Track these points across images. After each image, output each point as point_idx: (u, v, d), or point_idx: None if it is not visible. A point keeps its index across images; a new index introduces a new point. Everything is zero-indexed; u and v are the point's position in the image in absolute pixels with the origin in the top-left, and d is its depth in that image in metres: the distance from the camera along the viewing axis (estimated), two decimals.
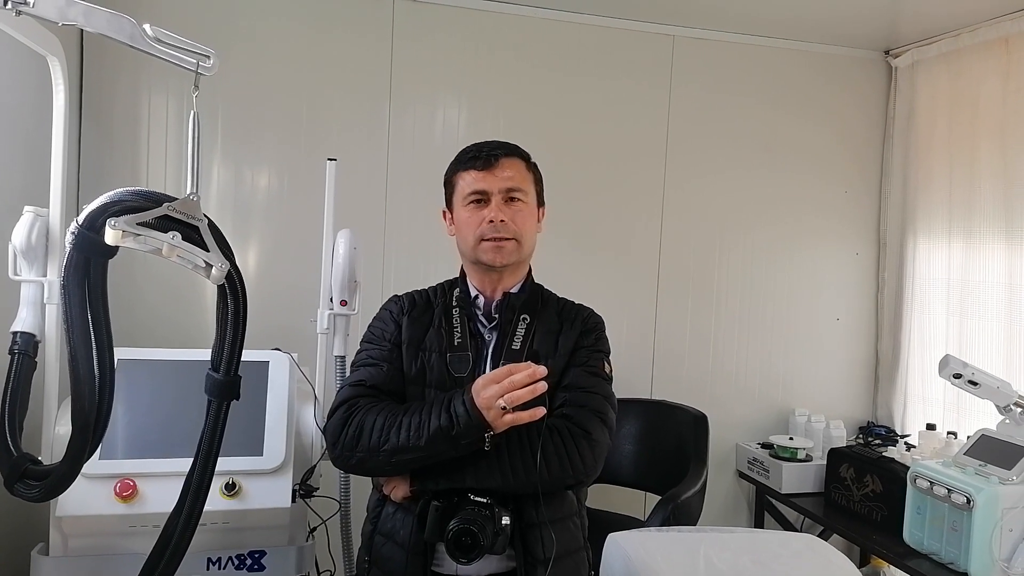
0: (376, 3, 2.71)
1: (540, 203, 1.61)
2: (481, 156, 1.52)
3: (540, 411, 1.32)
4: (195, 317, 2.54)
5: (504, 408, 1.29)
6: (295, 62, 2.65)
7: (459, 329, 1.52)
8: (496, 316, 1.55)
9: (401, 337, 1.53)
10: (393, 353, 1.52)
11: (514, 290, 1.57)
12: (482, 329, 1.55)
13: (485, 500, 1.37)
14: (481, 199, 1.51)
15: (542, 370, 1.31)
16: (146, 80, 2.51)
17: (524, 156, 1.58)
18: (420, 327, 1.53)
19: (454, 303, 1.56)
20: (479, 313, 1.56)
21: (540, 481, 1.37)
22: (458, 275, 1.62)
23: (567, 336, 1.54)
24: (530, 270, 1.64)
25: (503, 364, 1.45)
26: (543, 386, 1.30)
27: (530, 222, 1.55)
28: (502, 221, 1.49)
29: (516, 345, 1.51)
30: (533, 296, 1.59)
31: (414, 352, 1.51)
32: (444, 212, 1.62)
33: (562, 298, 1.65)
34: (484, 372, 1.48)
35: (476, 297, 1.57)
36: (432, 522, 1.38)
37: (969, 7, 2.62)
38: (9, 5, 1.11)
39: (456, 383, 1.45)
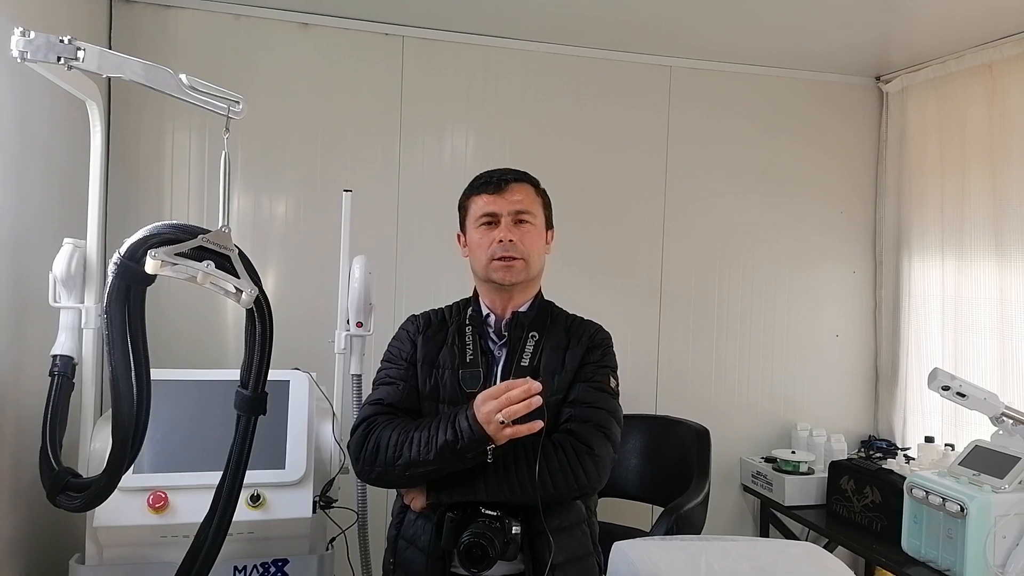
0: (386, 40, 2.85)
1: (549, 226, 1.70)
2: (492, 181, 1.62)
3: (537, 424, 1.39)
4: (216, 340, 2.66)
5: (503, 422, 1.37)
6: (310, 97, 2.78)
7: (471, 347, 1.61)
8: (506, 334, 1.63)
9: (416, 356, 1.61)
10: (409, 372, 1.60)
11: (523, 308, 1.65)
12: (492, 346, 1.63)
13: (495, 513, 1.46)
14: (492, 221, 1.60)
15: (537, 386, 1.38)
16: (170, 118, 2.65)
17: (533, 182, 1.68)
18: (434, 345, 1.62)
19: (467, 322, 1.64)
20: (490, 331, 1.64)
21: (545, 494, 1.45)
22: (471, 295, 1.71)
23: (573, 352, 1.61)
24: (540, 289, 1.72)
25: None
26: (538, 400, 1.37)
27: (538, 243, 1.64)
28: (511, 241, 1.58)
29: (525, 362, 1.59)
30: (542, 314, 1.66)
31: (428, 370, 1.60)
32: (458, 235, 1.71)
33: (571, 314, 1.72)
34: None
35: (488, 315, 1.65)
36: (447, 532, 1.47)
37: (954, 35, 2.74)
38: (61, 61, 1.24)
39: (468, 399, 1.51)
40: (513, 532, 1.45)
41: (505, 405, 1.37)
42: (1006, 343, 2.69)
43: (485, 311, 1.66)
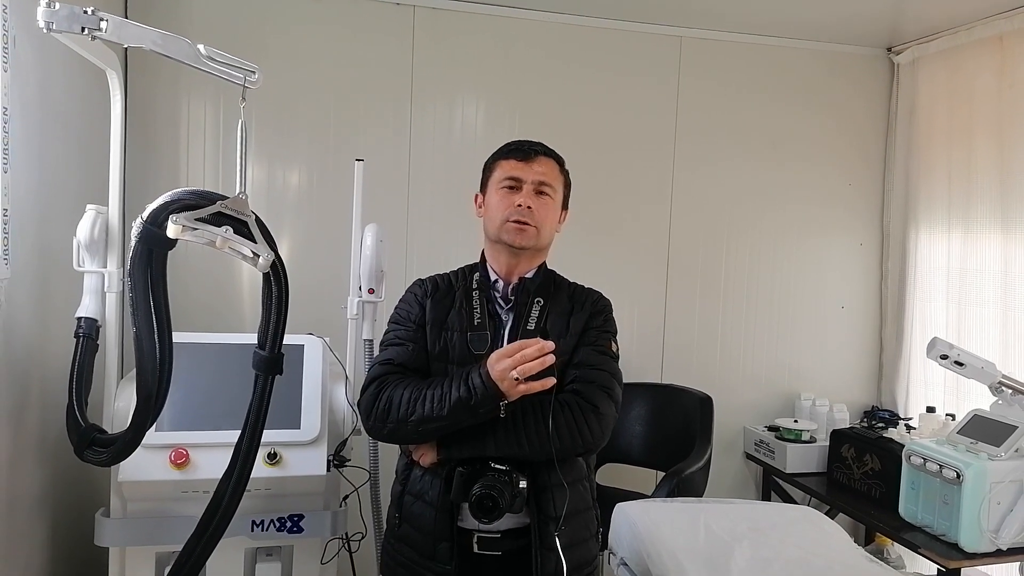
0: (397, 10, 2.86)
1: (564, 206, 1.76)
2: (523, 149, 1.69)
3: (550, 381, 1.45)
4: (232, 307, 2.73)
5: (517, 379, 1.43)
6: (323, 67, 2.82)
7: (479, 310, 1.66)
8: (512, 298, 1.69)
9: (425, 318, 1.67)
10: (418, 333, 1.66)
11: (529, 275, 1.71)
12: (499, 310, 1.69)
13: (504, 467, 1.52)
14: (514, 186, 1.66)
15: (550, 345, 1.45)
16: (185, 87, 2.69)
17: (559, 160, 1.74)
18: (443, 308, 1.67)
19: (474, 286, 1.70)
20: (497, 295, 1.70)
21: (553, 449, 1.51)
22: (478, 260, 1.76)
23: (577, 318, 1.68)
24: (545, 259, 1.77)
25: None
26: (551, 358, 1.44)
27: (552, 216, 1.70)
28: (528, 207, 1.64)
29: (531, 325, 1.64)
30: (547, 280, 1.73)
31: (437, 332, 1.65)
32: (476, 195, 1.76)
33: (573, 282, 1.79)
34: None
35: (495, 281, 1.71)
36: (457, 486, 1.53)
37: (966, 6, 2.73)
38: (85, 31, 1.29)
39: (476, 360, 1.57)
40: (520, 486, 1.52)
41: (520, 363, 1.43)
42: (1009, 315, 2.72)
43: (492, 276, 1.71)
